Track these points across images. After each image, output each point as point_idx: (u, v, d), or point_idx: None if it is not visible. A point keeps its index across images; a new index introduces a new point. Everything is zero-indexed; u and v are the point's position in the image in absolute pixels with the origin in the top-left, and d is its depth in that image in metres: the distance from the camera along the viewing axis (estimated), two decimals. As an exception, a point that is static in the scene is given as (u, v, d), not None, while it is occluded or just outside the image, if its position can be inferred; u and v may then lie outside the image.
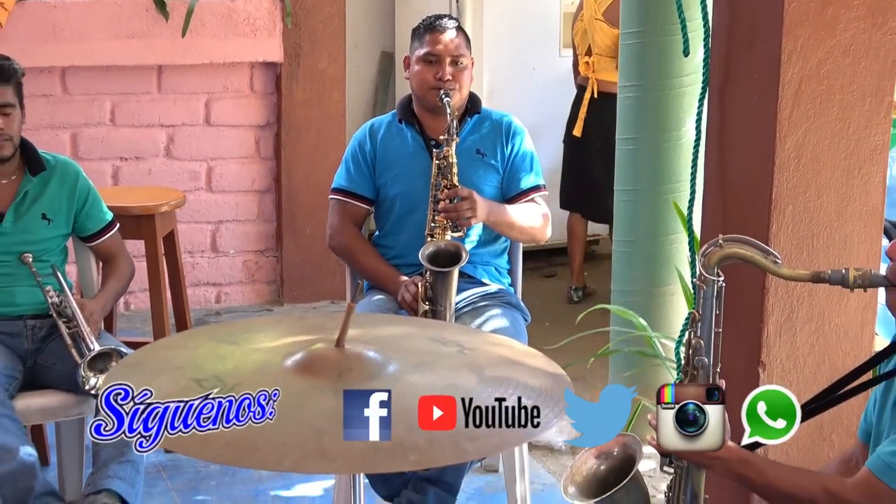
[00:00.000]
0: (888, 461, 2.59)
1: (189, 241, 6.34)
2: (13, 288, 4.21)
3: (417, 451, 2.01)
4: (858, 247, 3.63)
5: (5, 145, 4.12)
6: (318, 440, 2.00)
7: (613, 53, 6.60)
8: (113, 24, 6.21)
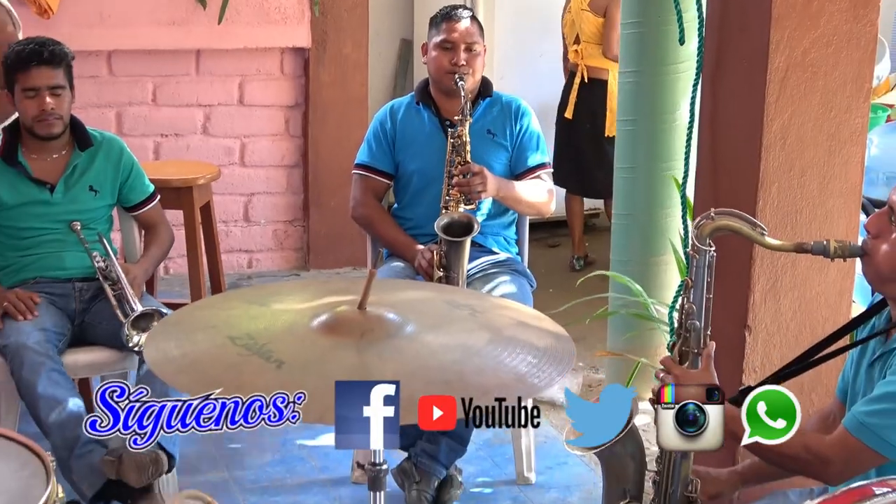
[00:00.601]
0: (862, 420, 2.58)
1: (223, 211, 6.35)
2: (63, 253, 4.22)
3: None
4: (838, 221, 3.63)
5: (56, 123, 4.13)
6: (341, 395, 2.01)
7: (599, 41, 6.64)
8: (155, 12, 6.22)
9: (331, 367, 2.05)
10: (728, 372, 3.37)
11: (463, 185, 4.24)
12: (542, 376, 2.10)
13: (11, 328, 4.01)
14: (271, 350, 2.08)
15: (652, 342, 4.78)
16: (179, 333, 2.27)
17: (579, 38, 6.73)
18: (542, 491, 4.47)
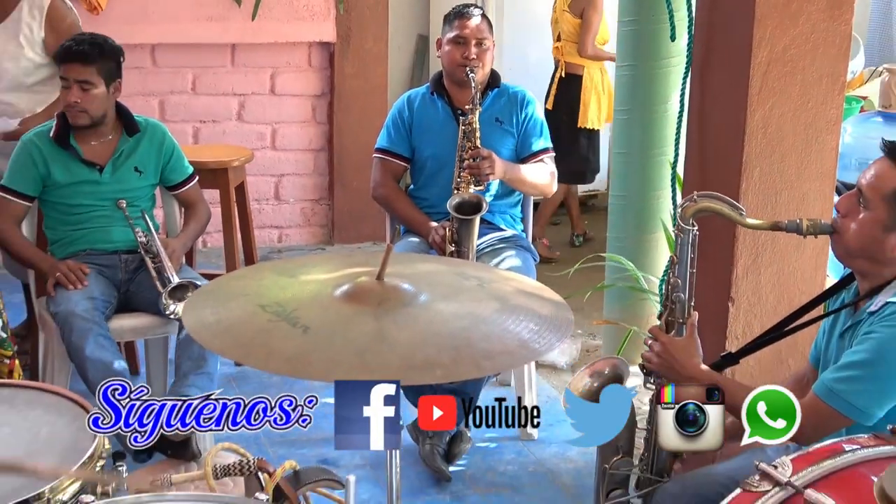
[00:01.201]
0: (831, 386, 2.59)
1: (256, 190, 6.35)
2: (110, 228, 4.23)
3: (443, 367, 2.01)
4: (814, 203, 3.62)
5: (80, 116, 4.12)
6: (361, 357, 2.01)
7: (576, 39, 6.58)
8: (195, 9, 6.22)
9: (352, 333, 2.06)
10: (713, 339, 3.37)
11: (473, 168, 4.25)
12: (543, 342, 2.10)
13: (62, 297, 4.03)
14: (298, 316, 2.08)
15: (644, 312, 4.79)
16: (215, 301, 2.28)
17: (560, 37, 6.70)
18: (543, 446, 4.48)
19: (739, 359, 3.00)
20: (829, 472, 1.76)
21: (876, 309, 2.60)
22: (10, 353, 3.62)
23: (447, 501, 4.07)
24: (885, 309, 2.57)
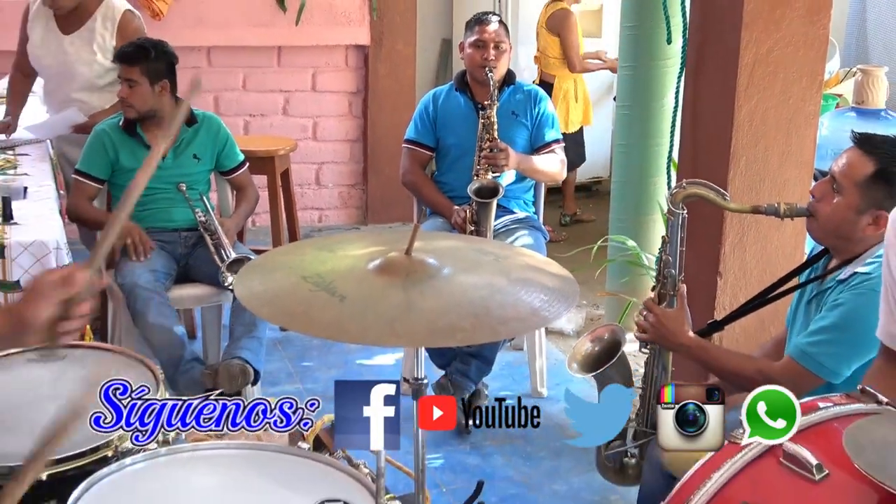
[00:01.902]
0: (803, 349, 2.59)
1: (299, 176, 6.35)
2: (171, 209, 4.25)
3: (464, 331, 2.00)
4: (794, 189, 3.62)
5: (128, 109, 4.17)
6: (390, 323, 2.00)
7: (550, 54, 6.58)
8: (245, 16, 6.22)
9: (383, 302, 2.05)
10: (703, 309, 3.38)
11: (490, 157, 4.25)
12: (552, 310, 2.09)
13: (126, 270, 4.05)
14: (335, 287, 2.08)
15: (643, 285, 4.78)
16: (263, 273, 2.28)
17: (537, 48, 6.72)
18: (551, 402, 4.48)
19: (724, 325, 3.00)
20: (804, 427, 1.75)
21: (845, 278, 2.60)
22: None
23: (466, 451, 4.08)
24: (853, 278, 2.58)
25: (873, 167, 2.53)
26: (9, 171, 4.27)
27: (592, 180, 7.59)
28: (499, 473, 3.91)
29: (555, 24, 6.53)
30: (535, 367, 4.52)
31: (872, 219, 2.55)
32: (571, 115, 6.64)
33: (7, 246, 3.46)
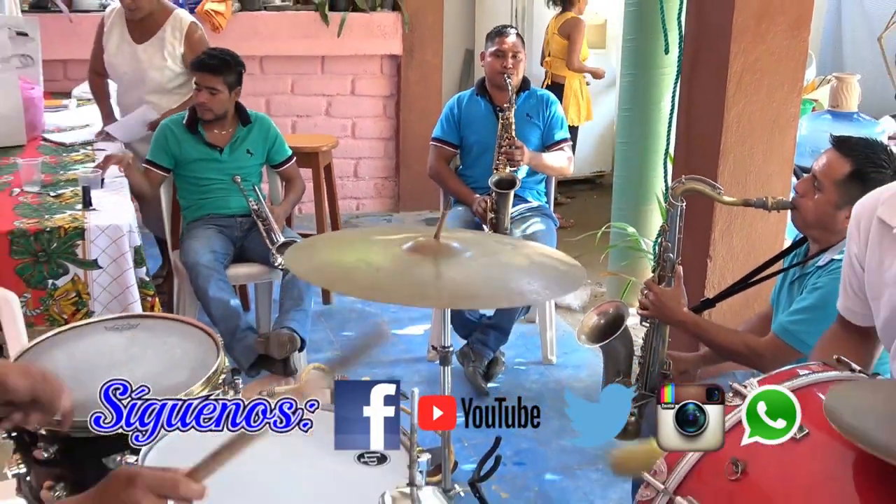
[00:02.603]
0: (786, 327, 2.59)
1: (340, 169, 6.35)
2: (228, 197, 4.26)
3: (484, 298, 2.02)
4: (776, 182, 3.60)
5: (207, 113, 4.18)
6: (420, 289, 2.02)
7: (561, 56, 6.59)
8: (293, 29, 6.22)
9: (414, 276, 2.06)
10: (695, 288, 3.36)
11: (508, 154, 4.25)
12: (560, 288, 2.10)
13: (190, 250, 4.07)
14: (373, 261, 2.10)
15: (640, 266, 4.77)
16: (309, 254, 2.29)
17: (550, 53, 6.71)
18: (560, 369, 4.49)
19: (715, 303, 2.99)
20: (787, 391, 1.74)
21: (823, 264, 2.60)
22: (152, 292, 3.65)
23: (485, 411, 4.08)
24: (830, 265, 2.57)
25: (850, 168, 2.52)
26: (88, 163, 4.29)
27: (596, 174, 7.56)
28: (514, 431, 3.89)
29: (566, 29, 6.55)
30: (546, 338, 4.52)
31: (848, 213, 2.53)
32: (580, 112, 6.67)
33: (87, 229, 3.48)
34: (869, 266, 2.07)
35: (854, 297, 2.16)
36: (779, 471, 1.61)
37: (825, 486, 1.52)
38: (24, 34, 4.89)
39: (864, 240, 2.08)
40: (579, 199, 7.33)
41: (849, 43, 7.77)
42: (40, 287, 3.46)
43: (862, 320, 2.15)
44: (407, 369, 4.40)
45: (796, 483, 1.54)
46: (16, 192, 3.82)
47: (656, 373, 2.90)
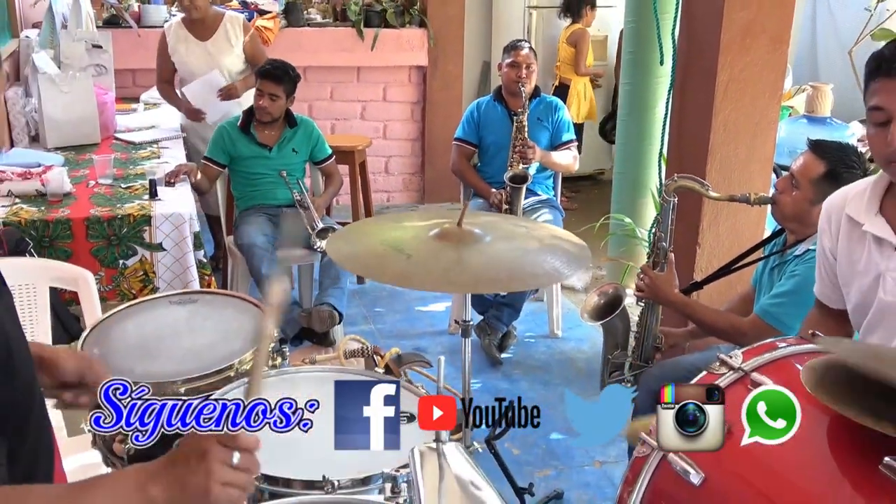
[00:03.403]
0: (767, 309, 2.58)
1: (373, 166, 6.33)
2: (275, 190, 4.27)
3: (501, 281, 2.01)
4: (758, 179, 3.57)
5: (266, 115, 4.19)
6: (446, 275, 2.01)
7: (568, 62, 6.66)
8: (332, 43, 6.21)
9: (440, 259, 2.05)
10: (685, 272, 3.33)
11: (521, 153, 4.23)
12: (570, 269, 2.08)
13: (244, 234, 4.08)
14: (403, 248, 2.09)
15: (636, 253, 4.74)
16: (348, 238, 2.29)
17: (559, 59, 6.77)
18: (565, 342, 4.48)
19: (703, 286, 2.98)
20: (768, 361, 1.72)
21: (800, 253, 2.59)
22: (209, 272, 3.67)
23: (499, 377, 4.09)
24: (806, 254, 2.56)
25: (824, 168, 2.52)
26: (154, 160, 4.30)
27: (597, 171, 7.52)
28: (524, 395, 3.84)
29: (574, 39, 6.61)
30: (553, 315, 4.51)
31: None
32: (581, 109, 6.68)
33: (153, 216, 3.50)
34: (840, 257, 2.06)
35: (828, 284, 2.14)
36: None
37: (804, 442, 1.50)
38: (98, 46, 4.92)
39: (836, 234, 2.06)
40: (582, 194, 7.28)
41: (822, 55, 7.68)
42: (112, 266, 3.48)
43: (836, 303, 2.13)
44: (431, 341, 4.40)
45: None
46: (92, 183, 3.84)
47: (650, 346, 2.90)
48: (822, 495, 1.53)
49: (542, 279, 2.23)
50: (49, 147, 4.37)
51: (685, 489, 1.64)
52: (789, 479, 1.56)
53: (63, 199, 3.60)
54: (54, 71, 4.40)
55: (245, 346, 2.21)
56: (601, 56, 7.12)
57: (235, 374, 2.10)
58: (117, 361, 2.15)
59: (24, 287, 2.69)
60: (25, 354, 1.36)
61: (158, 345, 2.24)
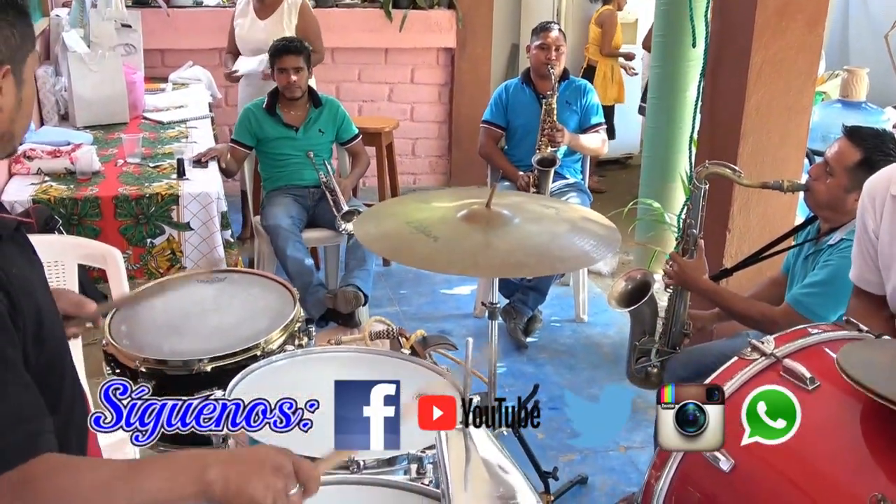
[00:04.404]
0: (800, 298, 2.55)
1: (400, 148, 6.31)
2: (302, 171, 4.26)
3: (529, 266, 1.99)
4: (790, 164, 3.52)
5: (296, 91, 4.18)
6: (472, 258, 1.99)
7: (598, 43, 6.64)
8: (360, 24, 6.18)
9: (467, 242, 2.04)
10: (714, 258, 3.30)
11: (550, 136, 4.20)
12: (599, 253, 2.06)
13: (271, 215, 4.08)
14: (431, 230, 2.07)
15: (664, 238, 4.70)
16: (375, 219, 2.28)
17: (588, 40, 6.76)
18: (591, 326, 4.46)
19: (733, 272, 2.95)
20: (800, 348, 1.70)
21: (834, 242, 2.56)
22: (236, 251, 3.68)
23: (525, 361, 4.07)
24: (841, 243, 2.53)
25: (860, 156, 2.47)
26: (182, 139, 4.32)
27: (625, 155, 7.45)
28: (549, 379, 3.90)
29: (601, 20, 6.59)
30: (579, 299, 4.49)
31: (857, 196, 2.48)
32: (608, 92, 6.62)
33: (181, 196, 3.51)
34: (882, 238, 2.02)
35: (868, 267, 2.11)
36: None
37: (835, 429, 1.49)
38: (128, 26, 4.93)
39: (879, 213, 2.03)
40: (609, 178, 7.23)
41: (854, 39, 7.57)
42: (140, 245, 3.50)
43: (876, 288, 2.10)
44: (456, 324, 4.39)
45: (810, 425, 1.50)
46: (120, 162, 3.86)
47: (678, 332, 2.87)
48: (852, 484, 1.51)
49: (570, 263, 2.22)
50: (78, 126, 4.40)
51: (714, 475, 1.63)
52: (819, 467, 1.55)
53: (92, 177, 3.62)
54: (84, 50, 4.41)
55: (272, 324, 2.21)
56: (630, 39, 7.05)
57: (262, 353, 2.11)
58: (145, 339, 2.17)
59: (53, 264, 2.70)
60: (57, 324, 1.38)
61: (185, 323, 2.25)
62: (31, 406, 1.19)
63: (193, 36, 5.69)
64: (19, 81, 1.32)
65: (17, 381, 1.18)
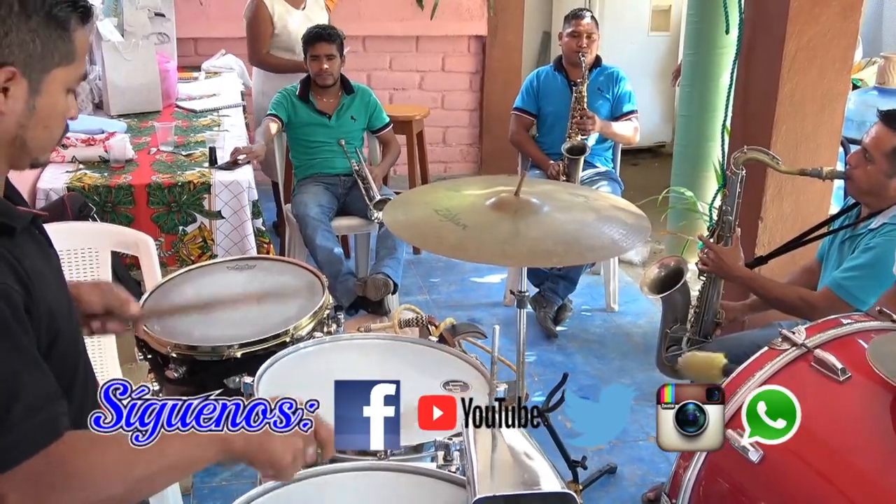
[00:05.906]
0: (840, 282, 2.53)
1: (430, 136, 6.30)
2: (333, 158, 4.27)
3: (558, 255, 1.97)
4: (825, 152, 3.48)
5: (328, 78, 4.18)
6: (501, 247, 1.98)
7: None
8: (392, 12, 6.18)
9: (496, 230, 2.02)
10: (747, 247, 3.27)
11: (580, 123, 4.17)
12: (628, 242, 2.04)
13: (300, 204, 4.10)
14: (460, 218, 2.06)
15: (697, 227, 4.65)
16: (404, 207, 2.28)
17: None
18: (622, 316, 4.44)
19: (768, 260, 2.93)
20: (832, 338, 1.68)
21: (876, 226, 2.55)
22: (267, 240, 3.70)
23: (554, 350, 4.06)
24: (883, 227, 2.52)
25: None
26: (214, 128, 4.34)
27: (657, 144, 7.40)
28: (578, 369, 3.89)
29: None
30: (610, 289, 4.46)
31: None
32: None
33: (213, 184, 3.53)
34: None
35: None
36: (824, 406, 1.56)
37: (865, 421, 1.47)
38: (161, 15, 4.96)
39: None
40: (641, 167, 7.18)
41: (888, 27, 7.43)
42: (172, 233, 3.53)
43: None
44: (485, 312, 4.39)
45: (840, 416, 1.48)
46: (153, 150, 3.89)
47: (710, 321, 2.85)
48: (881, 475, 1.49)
49: (600, 252, 2.19)
50: (112, 114, 4.44)
51: (743, 466, 1.61)
52: (849, 460, 1.53)
53: (125, 165, 3.66)
54: (118, 39, 4.45)
55: (301, 311, 2.22)
56: (663, 26, 6.98)
57: (291, 340, 2.12)
58: (176, 325, 2.19)
59: (87, 251, 2.74)
60: (71, 316, 1.40)
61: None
62: (48, 390, 1.22)
63: (226, 24, 5.72)
64: (35, 90, 1.25)
65: (34, 369, 1.20)
